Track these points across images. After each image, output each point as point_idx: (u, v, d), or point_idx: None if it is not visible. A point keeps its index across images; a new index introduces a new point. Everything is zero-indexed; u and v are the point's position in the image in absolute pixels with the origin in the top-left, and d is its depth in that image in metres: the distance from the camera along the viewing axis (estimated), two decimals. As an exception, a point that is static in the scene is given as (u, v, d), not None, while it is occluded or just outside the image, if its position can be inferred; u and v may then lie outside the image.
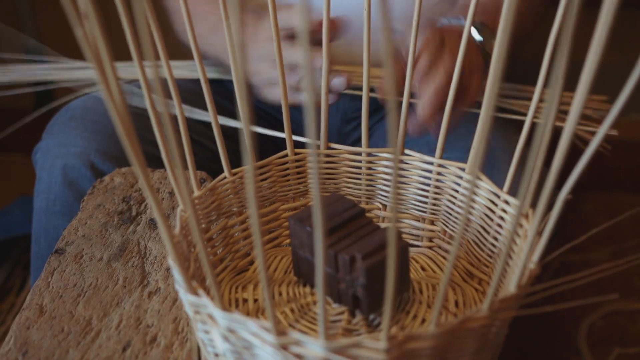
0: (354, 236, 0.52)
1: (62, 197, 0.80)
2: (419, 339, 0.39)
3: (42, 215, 0.81)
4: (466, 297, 0.57)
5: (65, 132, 0.82)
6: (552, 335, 1.35)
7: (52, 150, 0.81)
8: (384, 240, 0.50)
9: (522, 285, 0.43)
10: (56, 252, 0.65)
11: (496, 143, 0.78)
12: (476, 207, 0.58)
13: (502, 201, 0.55)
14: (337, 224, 0.53)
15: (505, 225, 0.55)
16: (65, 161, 0.79)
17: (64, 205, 0.80)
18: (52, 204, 0.80)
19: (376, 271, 0.49)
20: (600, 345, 1.32)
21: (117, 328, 0.57)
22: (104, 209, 0.71)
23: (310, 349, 0.40)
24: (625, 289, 1.47)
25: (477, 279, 0.59)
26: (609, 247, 1.59)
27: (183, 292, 0.45)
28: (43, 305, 0.59)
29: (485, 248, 0.58)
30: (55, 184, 0.80)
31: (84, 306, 0.59)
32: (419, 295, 0.57)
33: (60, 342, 0.55)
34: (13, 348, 0.55)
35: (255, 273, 0.61)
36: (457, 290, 0.58)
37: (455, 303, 0.56)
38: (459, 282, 0.59)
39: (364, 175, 0.64)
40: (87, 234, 0.68)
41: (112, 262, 0.64)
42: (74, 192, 0.79)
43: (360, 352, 0.39)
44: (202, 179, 0.74)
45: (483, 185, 0.57)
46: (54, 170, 0.80)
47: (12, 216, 1.42)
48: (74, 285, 0.61)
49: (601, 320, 1.39)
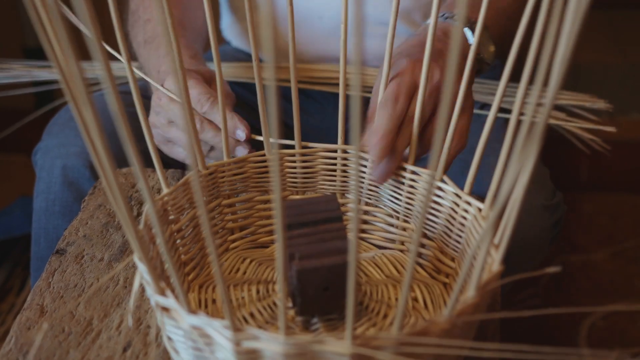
0: (315, 237, 0.52)
1: (61, 197, 0.80)
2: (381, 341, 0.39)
3: (42, 216, 0.81)
4: (433, 294, 0.57)
5: (64, 132, 0.82)
6: (552, 335, 1.35)
7: (51, 150, 0.81)
8: (336, 248, 0.50)
9: (482, 289, 0.42)
10: (57, 252, 0.65)
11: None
12: (441, 209, 0.58)
13: (464, 202, 0.56)
14: (307, 220, 0.53)
15: (467, 224, 0.55)
16: (65, 161, 0.79)
17: (64, 205, 0.80)
18: (51, 204, 0.80)
19: (309, 276, 0.49)
20: (600, 346, 1.32)
21: (118, 328, 0.57)
22: (105, 209, 0.71)
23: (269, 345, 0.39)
24: (626, 290, 1.47)
25: (444, 273, 0.59)
26: (610, 247, 1.59)
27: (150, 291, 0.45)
28: (44, 306, 0.59)
29: (450, 244, 0.58)
30: (55, 184, 0.80)
31: (84, 306, 0.59)
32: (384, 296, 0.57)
33: (61, 343, 0.55)
34: (14, 348, 0.55)
35: (225, 272, 0.61)
36: (423, 288, 0.58)
37: (424, 302, 0.56)
38: (425, 280, 0.59)
39: (339, 171, 0.65)
40: (88, 234, 0.68)
41: (113, 262, 0.64)
42: (74, 192, 0.79)
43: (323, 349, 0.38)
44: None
45: (447, 188, 0.57)
46: (53, 170, 0.80)
47: (12, 216, 1.42)
48: (74, 286, 0.61)
49: (601, 320, 1.39)
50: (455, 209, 0.57)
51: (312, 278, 0.49)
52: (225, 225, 0.64)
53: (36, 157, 0.83)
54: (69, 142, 0.80)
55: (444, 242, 0.59)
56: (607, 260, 1.55)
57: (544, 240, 0.81)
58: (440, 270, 0.59)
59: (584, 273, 1.51)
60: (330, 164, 0.65)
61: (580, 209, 1.69)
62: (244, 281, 0.59)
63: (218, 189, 0.63)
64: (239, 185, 0.64)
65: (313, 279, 0.49)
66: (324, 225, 0.53)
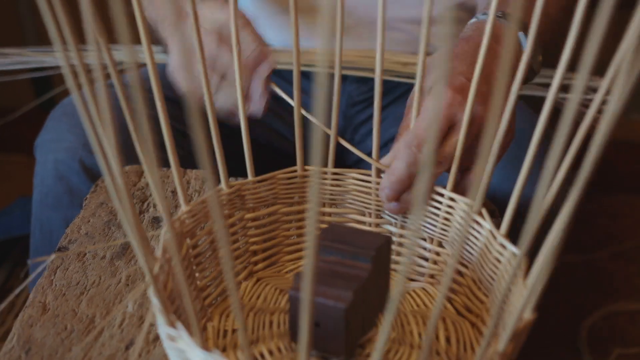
0: (333, 269, 0.50)
1: (53, 190, 0.82)
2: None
3: (38, 208, 0.84)
4: (460, 333, 0.54)
5: (57, 127, 0.84)
6: (552, 335, 1.35)
7: (45, 144, 0.84)
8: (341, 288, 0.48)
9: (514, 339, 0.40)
10: (59, 250, 0.65)
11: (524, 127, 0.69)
12: (476, 244, 0.55)
13: (498, 244, 0.52)
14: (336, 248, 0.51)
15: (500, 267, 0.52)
16: (56, 155, 0.81)
17: (55, 198, 0.82)
18: (44, 197, 0.83)
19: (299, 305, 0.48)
20: (600, 346, 1.32)
21: (120, 326, 0.57)
22: (107, 207, 0.71)
23: None
24: (626, 289, 1.47)
25: (474, 313, 0.56)
26: (610, 247, 1.59)
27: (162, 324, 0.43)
28: (46, 303, 0.59)
29: (482, 286, 0.55)
30: (48, 178, 0.82)
31: (87, 304, 0.59)
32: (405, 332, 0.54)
33: (63, 340, 0.55)
34: (16, 346, 0.55)
35: (246, 298, 0.59)
36: (450, 325, 0.55)
37: (447, 339, 0.53)
38: (452, 316, 0.56)
39: (374, 190, 0.61)
40: (90, 232, 0.68)
41: (115, 260, 0.64)
42: (64, 186, 0.82)
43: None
44: (205, 179, 0.74)
45: (484, 225, 0.54)
46: (47, 164, 0.82)
47: (12, 216, 1.42)
48: (77, 283, 0.61)
49: (601, 320, 1.39)
50: (489, 247, 0.53)
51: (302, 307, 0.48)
52: (249, 248, 0.61)
53: (35, 152, 0.86)
54: (60, 136, 0.82)
55: (476, 278, 0.56)
56: (607, 260, 1.55)
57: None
58: (469, 308, 0.56)
59: (584, 273, 1.51)
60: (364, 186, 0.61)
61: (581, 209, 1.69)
62: (263, 310, 0.56)
63: (243, 201, 0.60)
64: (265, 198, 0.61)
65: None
66: (350, 261, 0.51)
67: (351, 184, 0.62)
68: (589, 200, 1.72)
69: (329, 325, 0.47)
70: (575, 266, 1.53)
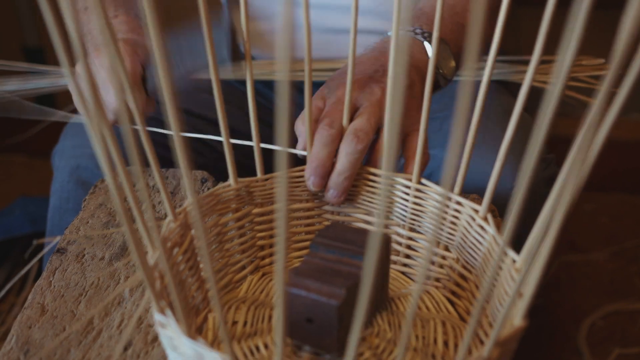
0: (332, 267, 0.51)
1: (75, 196, 0.84)
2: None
3: (56, 213, 0.85)
4: (459, 338, 0.54)
5: (79, 134, 0.86)
6: (552, 335, 1.35)
7: (66, 151, 0.86)
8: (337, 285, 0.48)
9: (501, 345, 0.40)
10: (58, 251, 0.65)
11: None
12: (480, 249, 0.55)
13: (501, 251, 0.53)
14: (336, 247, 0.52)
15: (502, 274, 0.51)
16: (79, 162, 0.84)
17: (77, 202, 0.83)
18: (65, 202, 0.84)
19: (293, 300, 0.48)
20: (600, 346, 1.32)
21: (119, 327, 0.57)
22: (106, 208, 0.71)
23: None
24: (626, 290, 1.47)
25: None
26: (610, 247, 1.59)
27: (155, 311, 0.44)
28: (45, 305, 0.59)
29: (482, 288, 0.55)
30: (69, 183, 0.84)
31: (85, 305, 0.59)
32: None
33: (61, 342, 0.55)
34: (15, 347, 0.55)
35: (250, 291, 0.60)
36: (449, 330, 0.55)
37: (445, 343, 0.53)
38: (454, 320, 0.56)
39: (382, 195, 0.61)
40: (89, 233, 0.68)
41: (114, 261, 0.64)
42: (85, 192, 0.83)
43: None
44: (203, 179, 0.74)
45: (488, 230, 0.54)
46: (67, 170, 0.84)
47: (12, 216, 1.42)
48: (75, 285, 0.61)
49: (601, 320, 1.39)
50: (492, 252, 0.53)
51: (296, 303, 0.48)
52: (256, 242, 0.62)
53: (54, 159, 0.88)
54: (82, 143, 0.85)
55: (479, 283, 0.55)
56: (607, 260, 1.55)
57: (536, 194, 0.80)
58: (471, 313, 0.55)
59: (584, 273, 1.51)
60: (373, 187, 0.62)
61: (580, 209, 1.69)
62: (264, 304, 0.57)
63: (251, 197, 0.61)
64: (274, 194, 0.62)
65: (297, 305, 0.48)
66: (348, 259, 0.51)
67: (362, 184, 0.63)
68: (589, 200, 1.72)
69: (322, 321, 0.48)
70: (575, 266, 1.53)
